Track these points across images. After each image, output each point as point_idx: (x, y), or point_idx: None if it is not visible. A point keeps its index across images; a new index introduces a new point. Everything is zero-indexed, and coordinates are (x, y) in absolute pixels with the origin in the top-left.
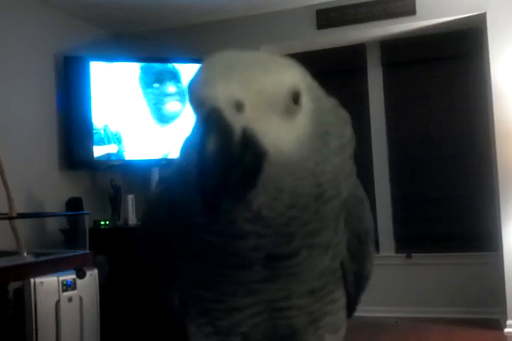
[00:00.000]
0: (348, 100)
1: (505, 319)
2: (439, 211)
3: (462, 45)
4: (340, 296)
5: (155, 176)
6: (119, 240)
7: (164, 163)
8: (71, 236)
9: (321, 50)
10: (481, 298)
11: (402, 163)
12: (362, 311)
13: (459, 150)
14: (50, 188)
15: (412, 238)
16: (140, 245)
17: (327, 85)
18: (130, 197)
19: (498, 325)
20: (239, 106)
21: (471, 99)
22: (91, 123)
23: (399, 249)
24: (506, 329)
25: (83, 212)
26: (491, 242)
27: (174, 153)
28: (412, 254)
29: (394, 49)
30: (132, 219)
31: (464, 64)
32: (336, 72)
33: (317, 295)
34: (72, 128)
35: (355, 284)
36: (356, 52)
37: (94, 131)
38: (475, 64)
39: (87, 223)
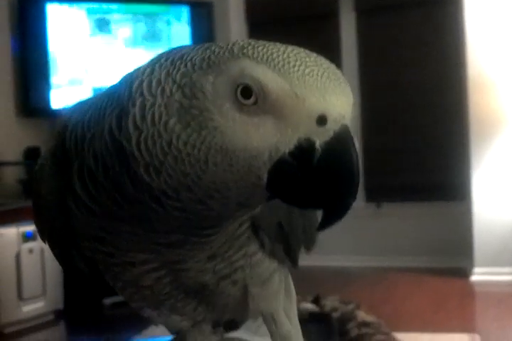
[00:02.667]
0: (319, 47)
1: (472, 267)
2: (409, 161)
3: None
4: (255, 250)
5: None
6: None
7: None
8: (30, 186)
9: None
10: (449, 247)
11: (374, 112)
12: (330, 260)
13: (431, 99)
14: (6, 137)
15: (382, 187)
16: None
17: (296, 31)
18: None
19: (465, 274)
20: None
21: (446, 46)
22: (48, 69)
23: (369, 198)
24: (473, 277)
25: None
26: (460, 192)
27: None
28: (382, 204)
29: None
30: None
31: (440, 10)
32: (306, 17)
33: (219, 258)
34: (28, 74)
35: (279, 234)
36: None
37: (51, 77)
38: (450, 10)
39: None
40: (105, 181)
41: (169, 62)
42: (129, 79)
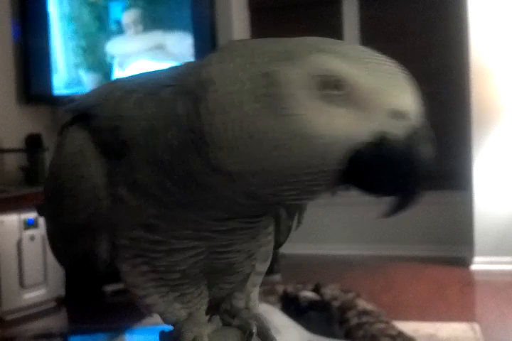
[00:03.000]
0: (321, 34)
1: (472, 256)
2: None
3: None
4: (272, 229)
5: None
6: None
7: None
8: (31, 173)
9: None
10: (449, 236)
11: None
12: (330, 249)
13: (433, 87)
14: (7, 124)
15: None
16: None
17: (298, 18)
18: None
19: (465, 263)
20: None
21: (449, 34)
22: (49, 55)
23: None
24: (473, 266)
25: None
26: (461, 181)
27: None
28: None
29: None
30: None
31: None
32: (308, 3)
33: (257, 238)
34: (29, 60)
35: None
36: None
37: (53, 63)
38: None
39: (48, 160)
40: (177, 170)
41: (239, 53)
42: (193, 69)
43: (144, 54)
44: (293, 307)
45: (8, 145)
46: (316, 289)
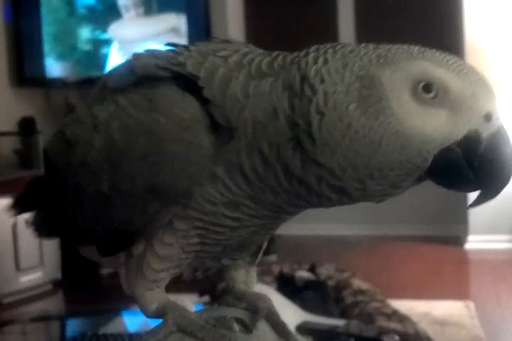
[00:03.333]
0: (315, 12)
1: (467, 235)
2: None
3: None
4: None
5: None
6: None
7: None
8: (25, 157)
9: None
10: (444, 215)
11: None
12: (325, 229)
13: None
14: (0, 107)
15: None
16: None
17: (293, 6)
18: None
19: (460, 241)
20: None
21: (444, 12)
22: (42, 37)
23: None
24: (467, 245)
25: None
26: None
27: None
28: None
29: None
30: None
31: None
32: None
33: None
34: (22, 43)
35: None
36: None
37: (45, 46)
38: None
39: (42, 144)
40: (274, 161)
41: (340, 54)
42: (287, 64)
43: (153, 38)
44: (289, 287)
45: (2, 128)
46: (312, 269)
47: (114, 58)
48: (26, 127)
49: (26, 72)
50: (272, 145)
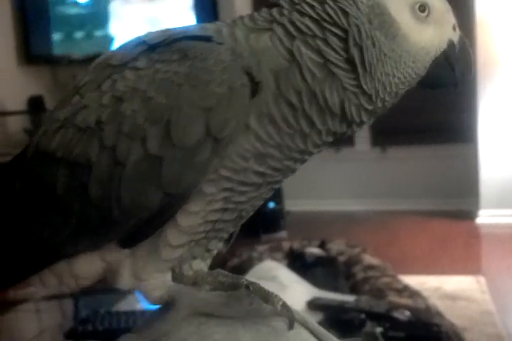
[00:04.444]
0: None
1: (478, 209)
2: (414, 103)
3: None
4: None
5: None
6: None
7: None
8: None
9: None
10: (454, 189)
11: None
12: (335, 205)
13: None
14: (8, 86)
15: (387, 131)
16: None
17: None
18: None
19: (471, 216)
20: None
21: None
22: (48, 15)
23: (374, 142)
24: (478, 219)
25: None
26: (466, 134)
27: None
28: (387, 147)
29: None
30: None
31: None
32: None
33: None
34: (28, 21)
35: None
36: None
37: (52, 23)
38: None
39: None
40: (303, 105)
41: None
42: (288, 16)
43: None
44: (299, 263)
45: (11, 107)
46: (322, 245)
47: (119, 38)
48: (35, 106)
49: (33, 49)
50: (297, 92)
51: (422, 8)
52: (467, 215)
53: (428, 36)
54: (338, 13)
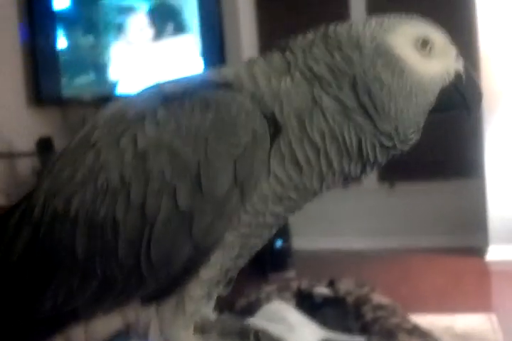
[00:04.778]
0: (329, 20)
1: (487, 245)
2: (422, 137)
3: None
4: None
5: None
6: None
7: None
8: None
9: None
10: (464, 225)
11: None
12: (343, 242)
13: None
14: (18, 127)
15: (395, 166)
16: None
17: (305, 9)
18: None
19: (480, 252)
20: None
21: (457, 18)
22: (58, 56)
23: (381, 178)
24: (488, 256)
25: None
26: (474, 168)
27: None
28: (395, 183)
29: None
30: None
31: None
32: None
33: None
34: (38, 62)
35: None
36: None
37: (61, 65)
38: None
39: None
40: (325, 145)
41: (343, 30)
42: (340, 54)
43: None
44: (307, 303)
45: (20, 149)
46: (331, 284)
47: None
48: (44, 147)
49: (42, 90)
50: (321, 133)
51: (425, 43)
52: (477, 252)
53: (434, 69)
54: (345, 60)
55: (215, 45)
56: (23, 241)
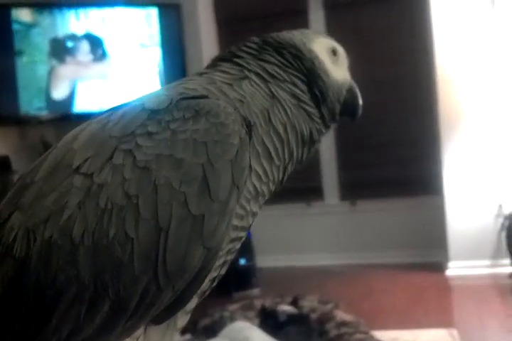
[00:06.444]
0: (288, 22)
1: (447, 261)
2: (382, 156)
3: None
4: None
5: None
6: None
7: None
8: (2, 196)
9: None
10: (424, 241)
11: None
12: (307, 260)
13: (401, 94)
14: None
15: (356, 185)
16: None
17: (266, 29)
18: None
19: (441, 268)
20: None
21: (414, 41)
22: (15, 76)
23: (343, 196)
24: (448, 271)
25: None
26: (433, 186)
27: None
28: (356, 201)
29: None
30: None
31: (408, 4)
32: (275, 15)
33: None
34: None
35: None
36: None
37: (19, 83)
38: (418, 4)
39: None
40: (288, 134)
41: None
42: (290, 56)
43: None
44: (271, 321)
45: None
46: (295, 302)
47: (84, 97)
48: (1, 166)
49: (0, 109)
50: (283, 124)
51: (334, 52)
52: (438, 267)
53: (341, 75)
54: (296, 60)
55: (177, 60)
56: (2, 281)
